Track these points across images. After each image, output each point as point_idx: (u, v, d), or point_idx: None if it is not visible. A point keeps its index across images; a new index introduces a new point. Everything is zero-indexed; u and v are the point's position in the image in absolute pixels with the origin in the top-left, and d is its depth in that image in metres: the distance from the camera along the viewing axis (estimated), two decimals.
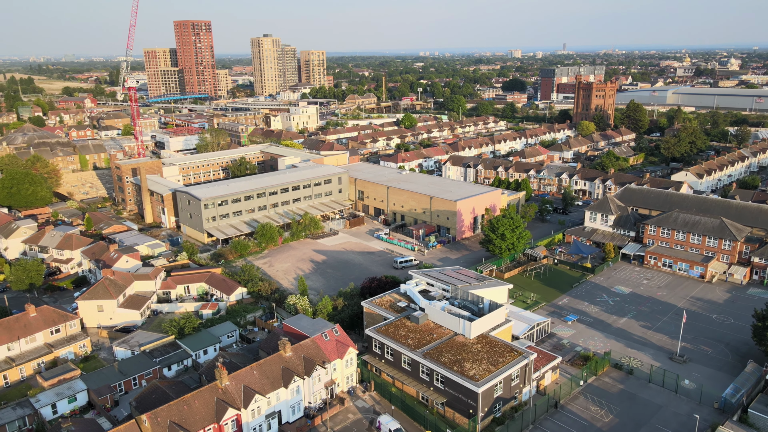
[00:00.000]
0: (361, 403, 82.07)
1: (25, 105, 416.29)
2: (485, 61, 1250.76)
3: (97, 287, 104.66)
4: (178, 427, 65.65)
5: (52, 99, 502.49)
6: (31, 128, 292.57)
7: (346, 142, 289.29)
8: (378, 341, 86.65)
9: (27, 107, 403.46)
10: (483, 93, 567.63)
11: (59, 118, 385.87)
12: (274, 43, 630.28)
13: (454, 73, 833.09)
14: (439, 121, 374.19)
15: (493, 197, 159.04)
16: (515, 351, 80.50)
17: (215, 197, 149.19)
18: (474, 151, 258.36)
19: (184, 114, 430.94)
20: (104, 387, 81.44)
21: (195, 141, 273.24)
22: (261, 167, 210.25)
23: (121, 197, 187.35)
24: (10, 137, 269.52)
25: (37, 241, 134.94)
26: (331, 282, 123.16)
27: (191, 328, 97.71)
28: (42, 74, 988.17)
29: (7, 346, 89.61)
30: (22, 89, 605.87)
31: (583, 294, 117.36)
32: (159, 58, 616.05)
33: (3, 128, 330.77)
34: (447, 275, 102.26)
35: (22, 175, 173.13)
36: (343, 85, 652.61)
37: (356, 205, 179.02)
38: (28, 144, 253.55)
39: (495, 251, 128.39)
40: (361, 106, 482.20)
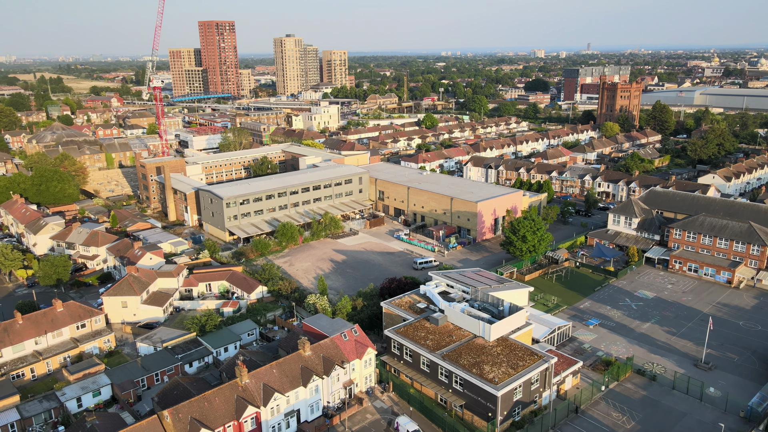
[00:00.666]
0: (380, 404, 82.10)
1: (54, 104, 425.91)
2: (508, 61, 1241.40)
3: (121, 284, 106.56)
4: (198, 423, 66.45)
5: (80, 98, 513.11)
6: (59, 127, 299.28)
7: (367, 142, 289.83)
8: (397, 342, 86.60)
9: (56, 106, 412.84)
10: (505, 93, 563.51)
11: (87, 116, 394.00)
12: (297, 43, 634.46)
13: (476, 73, 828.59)
14: (460, 121, 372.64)
15: (514, 199, 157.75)
16: (535, 354, 79.71)
17: (237, 196, 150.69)
18: (495, 151, 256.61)
19: (208, 113, 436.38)
20: (127, 382, 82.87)
21: (218, 140, 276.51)
22: (282, 167, 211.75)
23: (145, 195, 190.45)
24: (40, 135, 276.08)
25: (64, 238, 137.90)
26: (351, 282, 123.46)
27: (212, 326, 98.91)
28: (71, 74, 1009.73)
29: (35, 340, 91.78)
30: (52, 88, 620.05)
31: (605, 298, 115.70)
32: (183, 58, 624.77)
33: (33, 127, 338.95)
34: (467, 277, 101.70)
35: (51, 173, 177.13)
36: (365, 84, 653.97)
37: (376, 205, 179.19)
38: (56, 142, 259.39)
39: (516, 253, 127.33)
40: (382, 106, 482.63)
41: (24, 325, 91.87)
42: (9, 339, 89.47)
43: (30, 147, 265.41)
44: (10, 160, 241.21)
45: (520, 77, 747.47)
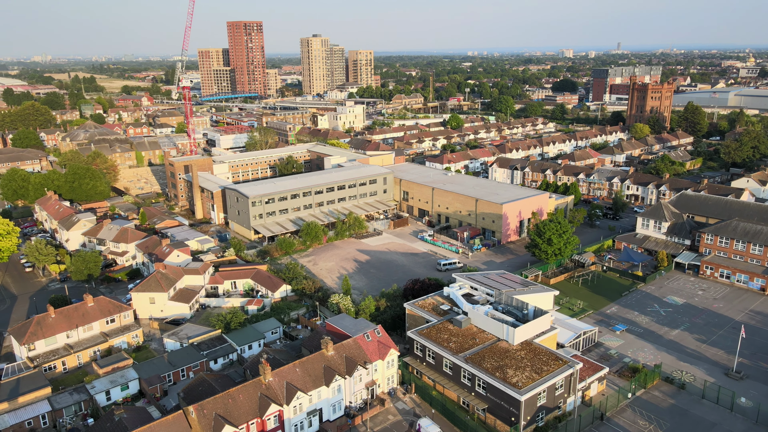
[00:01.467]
0: (402, 405, 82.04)
1: (87, 103, 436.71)
2: (535, 61, 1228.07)
3: (149, 280, 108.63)
4: (223, 419, 67.34)
5: (112, 97, 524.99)
6: (92, 125, 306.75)
7: (392, 142, 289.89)
8: (420, 344, 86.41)
9: (89, 105, 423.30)
10: (532, 94, 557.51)
11: (118, 115, 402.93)
12: (323, 43, 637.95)
13: (503, 73, 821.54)
14: (486, 122, 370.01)
15: (540, 201, 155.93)
16: (560, 359, 78.68)
17: (262, 195, 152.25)
18: (521, 153, 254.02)
19: (235, 112, 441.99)
20: (154, 377, 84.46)
21: (244, 139, 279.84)
22: (307, 166, 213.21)
23: (173, 193, 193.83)
24: (73, 134, 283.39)
25: (95, 234, 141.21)
26: (374, 282, 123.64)
27: (237, 323, 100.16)
28: (103, 73, 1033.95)
29: (67, 334, 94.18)
30: (85, 88, 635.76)
31: (633, 303, 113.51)
32: (212, 58, 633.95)
33: (67, 125, 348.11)
34: (491, 279, 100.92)
35: (84, 170, 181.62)
36: (390, 84, 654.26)
37: (401, 205, 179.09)
38: (89, 140, 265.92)
39: (541, 256, 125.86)
40: (407, 106, 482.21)
41: (56, 319, 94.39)
42: (42, 332, 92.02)
43: (64, 145, 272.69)
44: (45, 158, 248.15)
45: (547, 77, 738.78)
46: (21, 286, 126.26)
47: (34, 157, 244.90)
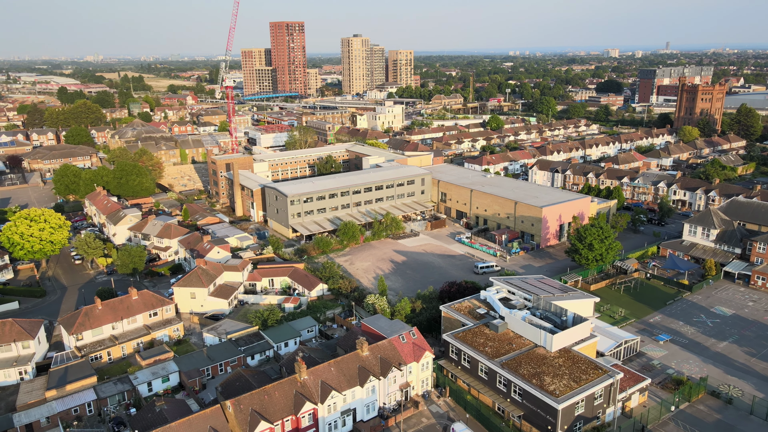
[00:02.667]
0: (436, 408, 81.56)
1: (135, 101, 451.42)
2: (579, 61, 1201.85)
3: (191, 275, 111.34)
4: (258, 415, 68.37)
5: (158, 96, 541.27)
6: (139, 123, 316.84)
7: (430, 142, 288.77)
8: (455, 347, 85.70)
9: (137, 103, 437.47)
10: (575, 95, 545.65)
11: (164, 114, 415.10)
12: (363, 43, 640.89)
13: (545, 73, 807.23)
14: (526, 123, 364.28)
15: (581, 205, 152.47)
16: (600, 368, 76.67)
17: (301, 194, 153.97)
18: (563, 155, 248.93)
19: (275, 111, 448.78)
20: (194, 370, 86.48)
21: (284, 138, 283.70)
22: (346, 166, 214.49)
23: (215, 190, 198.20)
24: (122, 131, 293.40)
25: (140, 229, 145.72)
26: (410, 283, 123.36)
27: (274, 321, 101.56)
28: (151, 72, 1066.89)
29: (112, 325, 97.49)
30: (134, 86, 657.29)
31: (678, 313, 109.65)
32: (254, 58, 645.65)
33: (116, 123, 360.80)
34: (529, 284, 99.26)
35: (131, 167, 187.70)
36: (430, 84, 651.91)
37: (438, 207, 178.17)
38: (136, 138, 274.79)
39: (581, 261, 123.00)
40: (447, 106, 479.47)
41: (103, 311, 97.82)
42: (89, 323, 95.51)
43: (113, 142, 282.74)
44: (95, 154, 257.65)
45: (591, 78, 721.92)
46: (71, 278, 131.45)
47: (85, 153, 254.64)
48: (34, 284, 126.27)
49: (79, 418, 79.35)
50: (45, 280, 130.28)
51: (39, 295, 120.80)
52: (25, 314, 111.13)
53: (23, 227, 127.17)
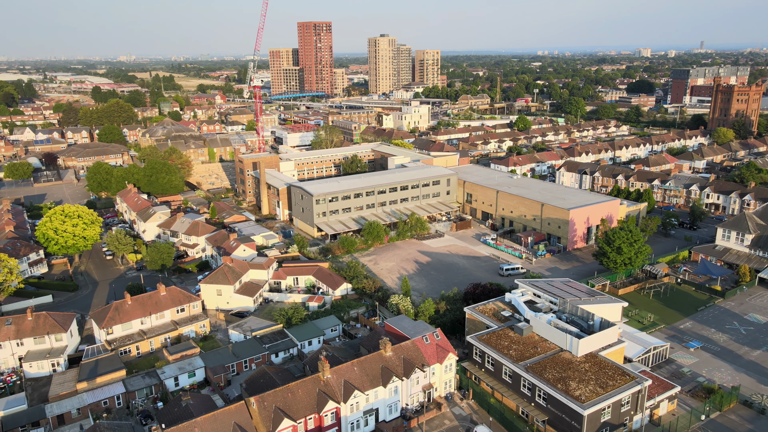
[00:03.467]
0: (458, 411, 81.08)
1: (166, 101, 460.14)
2: (609, 61, 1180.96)
3: (217, 273, 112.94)
4: (282, 412, 68.94)
5: (188, 95, 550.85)
6: (169, 122, 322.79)
7: (456, 143, 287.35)
8: (479, 349, 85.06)
9: (167, 103, 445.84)
10: (605, 95, 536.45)
11: (193, 113, 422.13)
12: (390, 43, 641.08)
13: (574, 73, 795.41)
14: (554, 124, 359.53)
15: (610, 207, 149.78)
16: (627, 375, 75.19)
17: (326, 193, 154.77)
18: (591, 156, 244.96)
19: (302, 111, 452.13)
20: (219, 366, 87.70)
21: (310, 137, 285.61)
22: (371, 165, 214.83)
23: (242, 189, 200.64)
24: (152, 130, 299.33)
25: (169, 226, 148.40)
26: (435, 284, 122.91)
27: (298, 319, 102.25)
28: (181, 72, 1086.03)
29: (141, 320, 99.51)
30: (164, 86, 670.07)
31: (709, 319, 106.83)
32: (282, 58, 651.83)
33: (147, 121, 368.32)
34: (555, 287, 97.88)
35: (161, 165, 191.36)
36: (457, 84, 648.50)
37: (464, 207, 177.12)
38: (166, 137, 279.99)
39: (609, 265, 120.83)
40: (473, 106, 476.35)
41: (132, 306, 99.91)
42: (119, 317, 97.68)
43: (144, 140, 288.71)
44: (127, 152, 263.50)
45: (622, 78, 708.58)
46: (102, 273, 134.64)
47: (116, 151, 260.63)
48: (67, 279, 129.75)
49: (108, 410, 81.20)
50: (77, 275, 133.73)
51: (72, 289, 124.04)
52: (59, 308, 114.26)
53: (57, 223, 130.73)
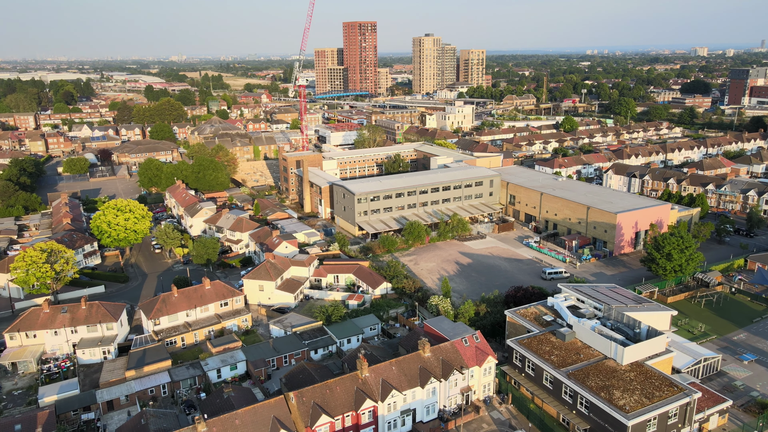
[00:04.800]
0: (497, 415, 79.96)
1: (214, 99, 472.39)
2: (662, 60, 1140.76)
3: (260, 268, 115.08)
4: (320, 408, 69.63)
5: (235, 94, 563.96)
6: (217, 120, 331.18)
7: (500, 143, 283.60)
8: (519, 353, 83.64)
9: (215, 101, 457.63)
10: (657, 96, 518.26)
11: (240, 111, 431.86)
12: (435, 42, 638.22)
13: (625, 73, 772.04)
14: (603, 125, 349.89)
15: (660, 212, 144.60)
16: (675, 386, 72.42)
17: (368, 192, 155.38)
18: (641, 159, 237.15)
19: (346, 110, 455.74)
20: (260, 360, 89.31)
21: (353, 137, 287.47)
22: (413, 165, 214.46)
23: (285, 186, 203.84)
24: (201, 128, 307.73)
25: (215, 222, 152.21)
26: (475, 286, 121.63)
27: (338, 317, 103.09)
28: (229, 72, 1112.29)
29: (186, 313, 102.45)
30: (213, 85, 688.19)
31: (765, 331, 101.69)
32: (327, 57, 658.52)
33: (196, 120, 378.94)
34: (600, 293, 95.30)
35: (208, 162, 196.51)
36: (501, 84, 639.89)
37: (506, 209, 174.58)
38: (213, 134, 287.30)
39: (658, 272, 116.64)
40: (518, 107, 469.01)
41: (179, 298, 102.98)
42: (166, 309, 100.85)
43: (192, 138, 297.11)
44: (176, 149, 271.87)
45: (675, 78, 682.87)
46: (151, 266, 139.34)
47: (167, 148, 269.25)
48: (119, 270, 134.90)
49: (154, 398, 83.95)
50: (128, 267, 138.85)
51: (122, 280, 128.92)
52: (110, 298, 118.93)
53: (111, 216, 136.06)
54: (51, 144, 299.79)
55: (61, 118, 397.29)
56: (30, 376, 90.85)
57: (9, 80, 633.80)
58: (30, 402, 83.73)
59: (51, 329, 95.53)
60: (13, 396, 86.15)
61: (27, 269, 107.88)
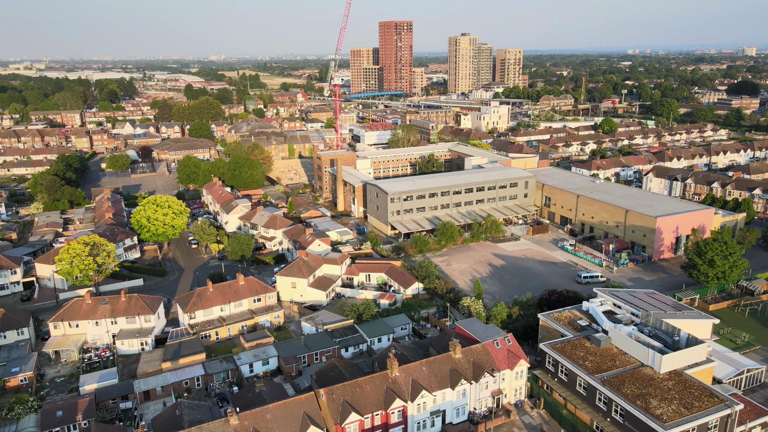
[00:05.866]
0: (528, 419, 78.78)
1: (251, 98, 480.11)
2: (708, 60, 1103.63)
3: (293, 266, 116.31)
4: (350, 406, 69.91)
5: (272, 93, 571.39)
6: (253, 119, 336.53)
7: (536, 144, 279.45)
8: (552, 358, 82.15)
9: (252, 100, 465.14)
10: (701, 97, 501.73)
11: (276, 110, 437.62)
12: (471, 42, 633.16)
13: (668, 73, 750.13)
14: (643, 126, 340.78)
15: (703, 216, 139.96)
16: (715, 396, 69.92)
17: (401, 192, 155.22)
18: (683, 162, 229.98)
19: (380, 110, 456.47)
20: (291, 357, 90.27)
21: (387, 136, 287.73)
22: (447, 165, 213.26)
23: (319, 185, 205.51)
24: (237, 126, 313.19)
25: (249, 219, 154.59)
26: (508, 288, 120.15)
27: (369, 316, 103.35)
28: (266, 71, 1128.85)
29: (221, 307, 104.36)
30: (250, 84, 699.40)
31: None
32: (362, 57, 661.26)
33: (233, 118, 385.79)
34: (638, 298, 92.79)
35: (244, 160, 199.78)
36: (539, 84, 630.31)
37: (541, 211, 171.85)
38: (250, 133, 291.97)
39: (699, 278, 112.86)
40: (555, 107, 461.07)
41: (213, 293, 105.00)
42: (202, 303, 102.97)
43: (229, 136, 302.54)
44: (214, 147, 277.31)
45: (721, 78, 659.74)
46: (187, 261, 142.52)
47: (204, 146, 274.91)
48: (157, 264, 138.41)
49: (188, 390, 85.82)
50: (166, 261, 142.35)
51: (160, 274, 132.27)
52: (148, 291, 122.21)
53: (150, 212, 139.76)
54: (95, 141, 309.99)
55: (105, 115, 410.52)
56: (72, 365, 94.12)
57: (57, 79, 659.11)
58: (71, 389, 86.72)
59: (92, 320, 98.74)
60: (55, 383, 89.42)
61: (71, 261, 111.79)
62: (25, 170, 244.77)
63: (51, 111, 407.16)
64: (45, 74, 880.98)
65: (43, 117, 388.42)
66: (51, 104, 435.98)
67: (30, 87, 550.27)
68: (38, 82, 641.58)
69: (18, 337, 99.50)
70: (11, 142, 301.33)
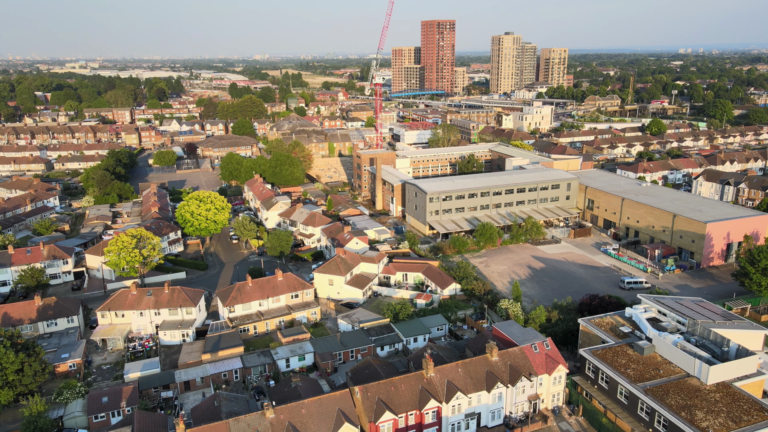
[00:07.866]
0: (566, 426, 77.02)
1: (293, 97, 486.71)
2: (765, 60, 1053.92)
3: (330, 263, 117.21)
4: (384, 405, 69.90)
5: (313, 92, 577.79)
6: (295, 117, 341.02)
7: (580, 146, 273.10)
8: (593, 364, 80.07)
9: (294, 99, 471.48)
10: (757, 98, 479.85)
11: (317, 109, 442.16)
12: (515, 41, 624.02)
13: (722, 73, 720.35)
14: (694, 128, 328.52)
15: (757, 222, 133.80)
16: (766, 411, 66.72)
17: (440, 192, 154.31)
18: (737, 165, 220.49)
19: (421, 109, 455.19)
20: (327, 353, 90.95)
21: (428, 135, 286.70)
22: (488, 166, 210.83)
23: (357, 183, 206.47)
24: (279, 124, 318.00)
25: (289, 216, 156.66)
26: (547, 292, 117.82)
27: (405, 315, 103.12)
28: (308, 70, 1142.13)
29: (259, 302, 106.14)
30: (292, 83, 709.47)
31: None
32: (404, 56, 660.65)
33: (275, 116, 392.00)
34: (684, 306, 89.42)
35: (285, 158, 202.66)
36: (584, 84, 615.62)
37: (584, 214, 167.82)
38: (291, 131, 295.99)
39: (752, 287, 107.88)
40: (601, 108, 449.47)
41: (252, 288, 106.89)
42: (241, 297, 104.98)
43: (271, 134, 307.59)
44: (256, 145, 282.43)
45: None
46: (228, 255, 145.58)
47: (247, 143, 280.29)
48: (199, 258, 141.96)
49: (227, 382, 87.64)
50: (208, 255, 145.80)
51: (202, 268, 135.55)
52: (190, 284, 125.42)
53: (194, 207, 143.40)
54: (144, 137, 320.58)
55: (154, 113, 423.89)
56: (117, 353, 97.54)
57: (109, 77, 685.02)
58: (117, 377, 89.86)
59: (137, 310, 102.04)
60: (102, 370, 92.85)
61: (119, 253, 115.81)
62: (78, 165, 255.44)
63: (103, 108, 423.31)
64: (98, 73, 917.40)
65: (95, 114, 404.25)
66: (103, 102, 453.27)
67: (84, 85, 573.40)
68: (92, 81, 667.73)
69: (68, 324, 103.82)
70: (66, 138, 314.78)
